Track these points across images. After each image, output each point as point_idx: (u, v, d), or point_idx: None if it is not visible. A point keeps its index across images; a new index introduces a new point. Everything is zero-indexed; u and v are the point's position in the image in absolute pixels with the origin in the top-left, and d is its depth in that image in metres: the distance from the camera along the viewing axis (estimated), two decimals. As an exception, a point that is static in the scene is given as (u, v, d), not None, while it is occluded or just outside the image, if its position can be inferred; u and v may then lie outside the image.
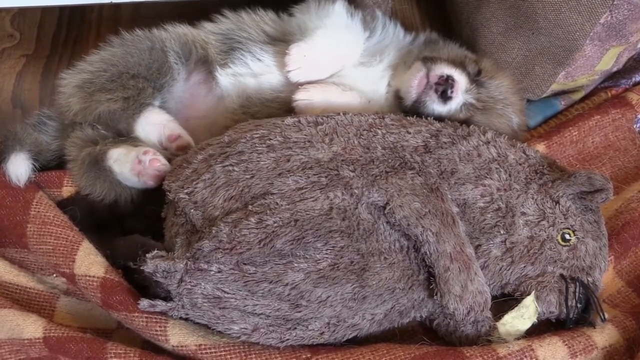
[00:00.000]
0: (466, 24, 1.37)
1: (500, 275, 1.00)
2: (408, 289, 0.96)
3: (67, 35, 1.52)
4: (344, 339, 0.96)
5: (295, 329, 0.92)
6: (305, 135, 1.00)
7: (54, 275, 1.10)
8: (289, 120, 1.03)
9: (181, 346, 0.93)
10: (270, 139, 0.99)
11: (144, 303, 0.93)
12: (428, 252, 0.94)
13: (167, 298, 0.94)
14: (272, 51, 1.16)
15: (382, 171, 0.98)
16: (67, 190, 1.14)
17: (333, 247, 0.92)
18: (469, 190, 1.00)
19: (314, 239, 0.92)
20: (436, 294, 0.95)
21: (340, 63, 1.13)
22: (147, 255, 0.92)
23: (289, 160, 0.97)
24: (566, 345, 0.95)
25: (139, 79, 1.13)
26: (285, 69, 1.10)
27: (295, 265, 0.91)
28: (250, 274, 0.91)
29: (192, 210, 0.95)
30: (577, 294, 0.99)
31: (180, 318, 0.94)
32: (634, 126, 1.30)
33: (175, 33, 1.20)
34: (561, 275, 1.00)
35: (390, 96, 1.16)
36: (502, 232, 0.99)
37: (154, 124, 1.11)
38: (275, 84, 1.15)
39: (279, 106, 1.14)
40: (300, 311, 0.92)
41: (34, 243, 1.06)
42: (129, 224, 1.13)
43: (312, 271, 0.91)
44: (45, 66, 1.45)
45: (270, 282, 0.91)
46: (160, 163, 1.04)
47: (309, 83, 1.11)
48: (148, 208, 1.08)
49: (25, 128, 1.18)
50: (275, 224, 0.91)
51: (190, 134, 1.12)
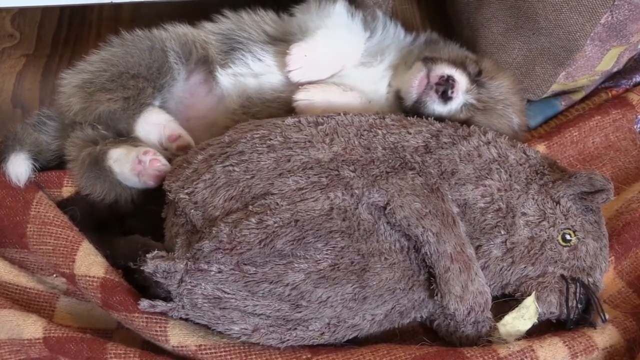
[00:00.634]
0: (467, 24, 1.37)
1: (501, 275, 1.00)
2: (408, 290, 0.96)
3: (68, 35, 1.52)
4: (345, 340, 0.96)
5: (296, 329, 0.92)
6: (305, 135, 1.00)
7: (54, 275, 1.09)
8: (290, 120, 1.03)
9: (181, 346, 0.93)
10: (271, 139, 0.99)
11: (144, 303, 0.93)
12: (428, 253, 0.94)
13: (167, 298, 0.94)
14: (273, 51, 1.16)
15: (383, 171, 0.98)
16: (67, 191, 1.14)
17: (333, 248, 0.92)
18: (469, 190, 1.00)
19: (314, 240, 0.92)
20: (436, 295, 0.95)
21: (341, 63, 1.13)
22: (147, 255, 0.91)
23: (289, 161, 0.97)
24: (567, 345, 0.95)
25: (139, 79, 1.13)
26: (285, 69, 1.10)
27: (296, 265, 0.91)
28: (250, 274, 0.91)
29: (193, 210, 0.95)
30: (578, 295, 0.99)
31: (181, 318, 0.94)
32: (635, 126, 1.30)
33: (175, 33, 1.19)
34: (562, 276, 1.00)
35: (390, 96, 1.16)
36: (503, 233, 0.99)
37: (154, 124, 1.11)
38: (276, 84, 1.15)
39: (280, 106, 1.13)
40: (300, 311, 0.92)
41: (34, 243, 1.06)
42: (129, 224, 1.13)
43: (313, 271, 0.91)
44: (45, 66, 1.45)
45: (271, 283, 0.91)
46: (160, 163, 1.04)
47: (310, 83, 1.10)
48: (148, 208, 1.08)
49: (25, 128, 1.18)
50: (276, 224, 0.91)
51: (190, 134, 1.11)
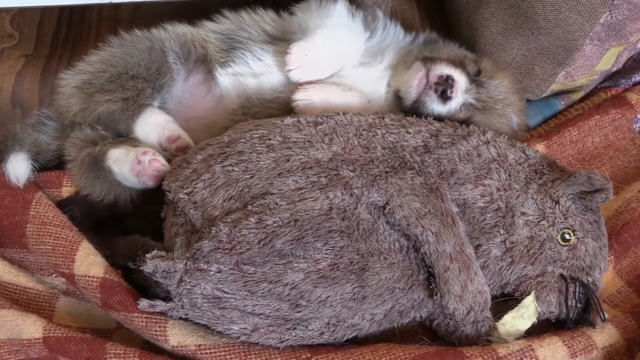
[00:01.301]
0: (466, 23, 1.37)
1: (500, 275, 1.00)
2: (408, 289, 0.96)
3: (67, 35, 1.52)
4: (344, 339, 0.96)
5: (295, 329, 0.92)
6: (304, 135, 1.00)
7: (54, 275, 1.10)
8: (289, 120, 1.03)
9: (181, 346, 0.93)
10: (270, 139, 0.99)
11: (144, 303, 0.93)
12: (428, 252, 0.94)
13: (167, 298, 0.93)
14: (273, 51, 1.16)
15: (382, 171, 0.98)
16: (67, 191, 1.14)
17: (333, 247, 0.92)
18: (468, 190, 1.00)
19: (313, 239, 0.92)
20: (436, 294, 0.95)
21: (341, 63, 1.13)
22: (147, 255, 0.91)
23: (288, 160, 0.97)
24: (566, 345, 0.95)
25: (139, 80, 1.13)
26: (285, 69, 1.10)
27: (295, 265, 0.91)
28: (250, 274, 0.90)
29: (192, 210, 0.95)
30: (577, 294, 0.99)
31: (180, 318, 0.94)
32: (634, 126, 1.30)
33: (174, 33, 1.19)
34: (561, 275, 1.00)
35: (390, 96, 1.16)
36: (502, 232, 0.99)
37: (154, 124, 1.11)
38: (276, 83, 1.15)
39: (279, 106, 1.13)
40: (300, 311, 0.92)
41: (33, 243, 1.06)
42: (128, 224, 1.13)
43: (312, 271, 0.91)
44: (44, 66, 1.45)
45: (270, 282, 0.91)
46: (159, 163, 1.04)
47: (309, 83, 1.10)
48: (147, 208, 1.08)
49: (24, 128, 1.18)
50: (275, 224, 0.91)
51: (189, 134, 1.11)
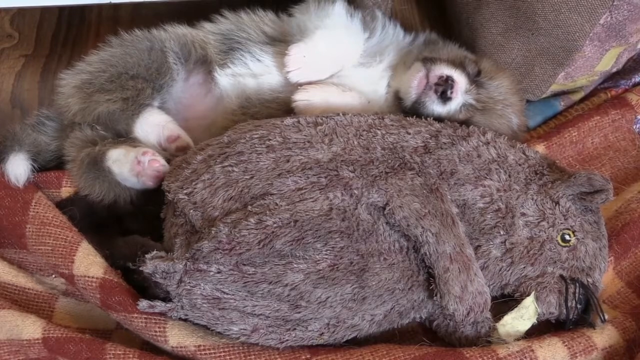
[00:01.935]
0: (466, 24, 1.37)
1: (500, 276, 1.00)
2: (408, 290, 0.96)
3: (67, 36, 1.52)
4: (344, 340, 0.96)
5: (295, 329, 0.92)
6: (304, 135, 1.00)
7: (53, 275, 1.09)
8: (289, 120, 1.03)
9: (180, 347, 0.93)
10: (270, 140, 0.99)
11: (143, 304, 0.92)
12: (428, 253, 0.94)
13: (166, 299, 0.93)
14: (272, 51, 1.16)
15: (382, 172, 0.98)
16: (66, 191, 1.14)
17: (333, 248, 0.92)
18: (468, 190, 1.00)
19: (313, 240, 0.92)
20: (436, 295, 0.95)
21: (340, 63, 1.13)
22: (146, 255, 0.91)
23: (288, 161, 0.97)
24: (566, 346, 0.95)
25: (138, 80, 1.13)
26: (284, 70, 1.10)
27: (295, 265, 0.91)
28: (249, 274, 0.90)
29: (192, 210, 0.95)
30: (577, 295, 0.99)
31: (180, 319, 0.94)
32: (634, 127, 1.30)
33: (174, 33, 1.19)
34: (561, 276, 1.00)
35: (389, 97, 1.16)
36: (502, 233, 0.99)
37: (153, 124, 1.11)
38: (275, 84, 1.15)
39: (279, 107, 1.13)
40: (299, 312, 0.92)
41: (33, 243, 1.06)
42: (128, 225, 1.12)
43: (312, 272, 0.91)
44: (44, 66, 1.45)
45: (270, 283, 0.90)
46: (159, 163, 1.04)
47: (309, 83, 1.10)
48: (147, 208, 1.08)
49: (24, 128, 1.18)
50: (275, 225, 0.91)
51: (189, 134, 1.11)
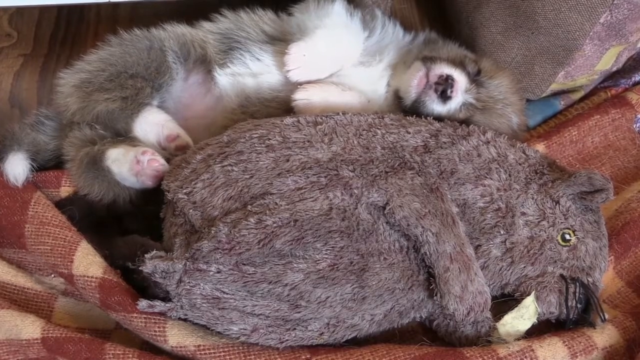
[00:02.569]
0: (465, 23, 1.37)
1: (500, 275, 1.00)
2: (408, 290, 0.96)
3: (65, 35, 1.52)
4: (344, 340, 0.96)
5: (295, 329, 0.92)
6: (304, 135, 1.00)
7: (52, 275, 1.09)
8: (288, 120, 1.02)
9: (180, 347, 0.93)
10: (270, 139, 0.99)
11: (143, 304, 0.92)
12: (428, 253, 0.94)
13: (166, 298, 0.93)
14: (271, 51, 1.16)
15: (382, 171, 0.98)
16: (65, 190, 1.13)
17: (332, 248, 0.92)
18: (468, 190, 1.00)
19: (313, 239, 0.92)
20: (436, 295, 0.94)
21: (340, 63, 1.13)
22: (146, 255, 0.91)
23: (288, 160, 0.97)
24: (566, 345, 0.94)
25: (138, 79, 1.13)
26: (284, 69, 1.09)
27: (295, 265, 0.91)
28: (249, 274, 0.90)
29: (191, 210, 0.95)
30: (577, 295, 0.99)
31: (179, 319, 0.94)
32: (634, 126, 1.30)
33: (174, 32, 1.19)
34: (561, 276, 1.00)
35: (389, 96, 1.15)
36: (502, 233, 0.99)
37: (153, 123, 1.11)
38: (275, 83, 1.15)
39: (278, 106, 1.13)
40: (299, 312, 0.91)
41: (32, 243, 1.05)
42: (127, 224, 1.12)
43: (312, 271, 0.91)
44: (43, 65, 1.45)
45: (270, 283, 0.90)
46: (158, 163, 1.04)
47: (308, 83, 1.10)
48: (147, 208, 1.08)
49: (23, 128, 1.18)
50: (275, 224, 0.91)
51: (189, 133, 1.11)
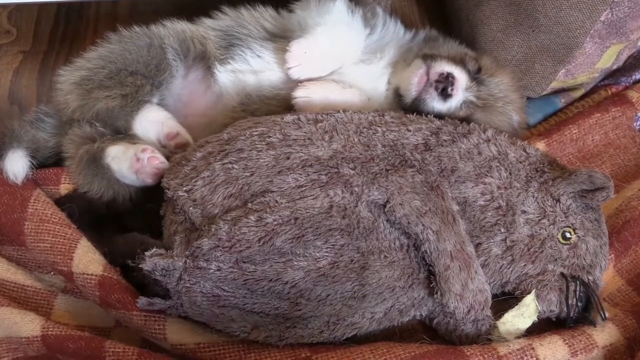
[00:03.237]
0: (466, 21, 1.37)
1: (501, 273, 0.99)
2: (408, 288, 0.96)
3: (65, 32, 1.51)
4: (344, 338, 0.96)
5: (295, 327, 0.92)
6: (305, 132, 1.00)
7: (52, 273, 1.09)
8: (289, 117, 1.02)
9: (180, 344, 0.93)
10: (270, 137, 0.99)
11: (143, 301, 0.92)
12: (428, 251, 0.94)
13: (166, 296, 0.93)
14: (272, 48, 1.16)
15: (382, 169, 0.98)
16: (65, 188, 1.13)
17: (333, 246, 0.92)
18: (469, 188, 1.00)
19: (313, 237, 0.92)
20: (436, 293, 0.94)
21: (341, 60, 1.13)
22: (146, 253, 0.91)
23: (288, 158, 0.97)
24: (567, 344, 0.94)
25: (137, 76, 1.12)
26: (285, 66, 1.09)
27: (295, 263, 0.91)
28: (249, 272, 0.90)
29: (191, 208, 0.95)
30: (578, 293, 0.99)
31: (179, 316, 0.94)
32: (634, 124, 1.30)
33: (173, 30, 1.19)
34: (562, 274, 1.00)
35: (390, 94, 1.15)
36: (503, 231, 0.99)
37: (153, 121, 1.11)
38: (275, 81, 1.15)
39: (279, 103, 1.13)
40: (299, 310, 0.91)
41: (31, 241, 1.05)
42: (127, 222, 1.12)
43: (312, 269, 0.91)
44: (42, 63, 1.45)
45: (270, 281, 0.90)
46: (158, 161, 1.04)
47: (309, 80, 1.10)
48: (147, 206, 1.07)
49: (22, 125, 1.18)
50: (275, 222, 0.91)
51: (189, 131, 1.11)
